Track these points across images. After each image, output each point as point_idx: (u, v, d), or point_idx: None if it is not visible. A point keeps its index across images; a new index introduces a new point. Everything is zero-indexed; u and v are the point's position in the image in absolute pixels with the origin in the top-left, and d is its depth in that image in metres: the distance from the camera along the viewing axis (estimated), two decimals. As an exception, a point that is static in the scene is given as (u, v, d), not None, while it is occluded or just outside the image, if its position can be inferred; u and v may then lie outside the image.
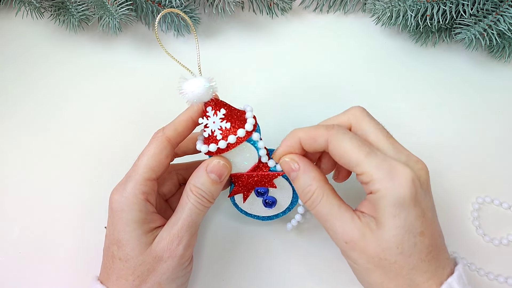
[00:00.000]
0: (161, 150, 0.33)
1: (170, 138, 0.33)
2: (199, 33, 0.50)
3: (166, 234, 0.31)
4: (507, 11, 0.41)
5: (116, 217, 0.32)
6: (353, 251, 0.29)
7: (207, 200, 0.32)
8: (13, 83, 0.47)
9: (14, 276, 0.38)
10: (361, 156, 0.29)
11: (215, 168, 0.32)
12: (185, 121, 0.33)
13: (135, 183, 0.32)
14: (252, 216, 0.37)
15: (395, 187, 0.28)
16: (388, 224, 0.28)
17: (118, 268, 0.31)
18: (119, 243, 0.31)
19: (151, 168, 0.32)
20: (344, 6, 0.51)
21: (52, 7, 0.49)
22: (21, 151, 0.44)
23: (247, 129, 0.32)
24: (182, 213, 0.32)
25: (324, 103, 0.46)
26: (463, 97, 0.46)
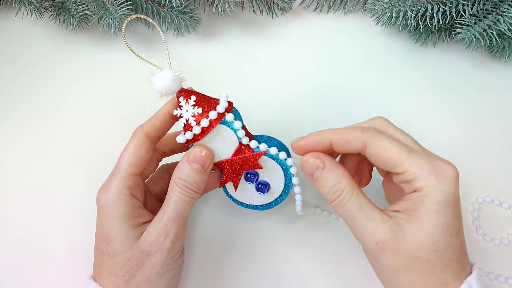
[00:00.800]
0: (141, 144, 0.33)
1: (149, 133, 0.34)
2: (199, 33, 0.50)
3: (153, 228, 0.31)
4: (507, 11, 0.41)
5: (103, 214, 0.32)
6: (384, 251, 0.29)
7: (192, 191, 0.32)
8: (13, 83, 0.47)
9: (14, 276, 0.38)
10: (403, 155, 0.29)
11: (196, 157, 0.32)
12: (162, 115, 0.34)
13: (119, 179, 0.32)
14: (249, 206, 0.37)
15: (440, 185, 0.28)
16: (428, 221, 0.28)
17: (107, 264, 0.32)
18: (107, 239, 0.32)
19: (133, 163, 0.33)
20: (344, 6, 0.51)
21: (52, 7, 0.49)
22: (21, 151, 0.44)
23: (219, 111, 0.33)
24: (168, 207, 0.32)
25: (324, 103, 0.46)
26: (463, 97, 0.46)
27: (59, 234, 0.39)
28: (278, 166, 0.35)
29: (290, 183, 0.35)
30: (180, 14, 0.47)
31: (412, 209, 0.29)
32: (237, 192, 0.36)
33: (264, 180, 0.35)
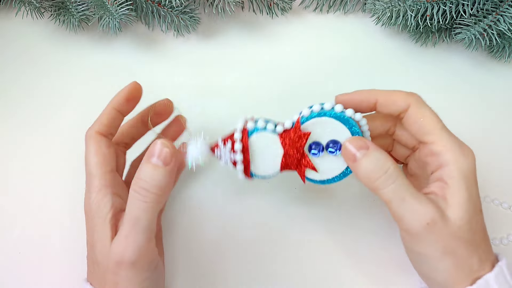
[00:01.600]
0: (98, 144, 0.32)
1: (100, 131, 0.33)
2: (199, 33, 0.50)
3: (114, 244, 0.29)
4: (507, 11, 0.41)
5: (88, 218, 0.31)
6: (433, 233, 0.28)
7: (151, 193, 0.28)
8: (13, 83, 0.47)
9: (14, 276, 0.38)
10: (438, 126, 0.30)
11: (153, 151, 0.29)
12: (108, 113, 0.34)
13: (94, 180, 0.31)
14: (338, 178, 0.33)
15: (466, 160, 0.29)
16: (462, 197, 0.28)
17: (95, 271, 0.31)
18: (92, 243, 0.31)
19: (100, 163, 0.32)
20: (344, 6, 0.51)
21: (52, 7, 0.49)
22: (21, 151, 0.43)
23: (239, 129, 0.32)
24: (127, 213, 0.29)
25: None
26: (463, 97, 0.46)
27: (59, 235, 0.39)
28: (329, 119, 0.31)
29: (354, 128, 0.31)
30: (180, 14, 0.47)
31: (445, 188, 0.29)
32: (319, 173, 0.33)
33: (332, 139, 0.32)
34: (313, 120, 0.32)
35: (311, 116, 0.32)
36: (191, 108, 0.46)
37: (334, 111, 0.32)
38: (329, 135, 0.32)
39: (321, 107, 0.32)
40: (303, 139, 0.31)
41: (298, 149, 0.32)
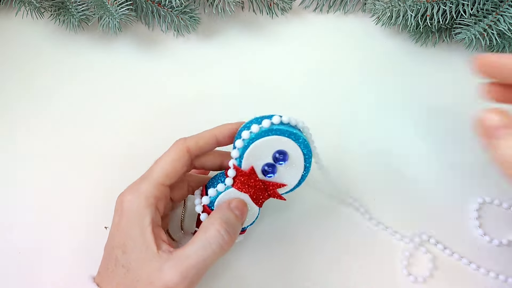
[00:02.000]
0: (180, 157, 0.32)
1: (190, 148, 0.33)
2: (199, 33, 0.50)
3: (169, 268, 0.29)
4: (507, 11, 0.41)
5: (125, 217, 0.31)
6: None
7: (231, 239, 0.30)
8: (13, 83, 0.47)
9: (14, 276, 0.38)
10: None
11: (239, 204, 0.32)
12: (208, 137, 0.33)
13: (149, 185, 0.31)
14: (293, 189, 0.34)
15: None
16: None
17: (120, 274, 0.30)
18: (124, 247, 0.30)
19: (166, 174, 0.32)
20: (344, 6, 0.51)
21: (52, 7, 0.49)
22: (21, 151, 0.43)
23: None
24: (196, 250, 0.29)
25: (324, 103, 0.46)
26: (463, 97, 0.46)
27: (59, 234, 0.39)
28: (263, 140, 0.31)
29: (298, 136, 0.31)
30: (180, 14, 0.47)
31: None
32: (288, 184, 0.33)
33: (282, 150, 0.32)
34: (249, 150, 0.31)
35: (245, 146, 0.31)
36: (191, 108, 0.46)
37: (263, 129, 0.31)
38: (272, 150, 0.31)
39: (250, 131, 0.31)
40: (252, 175, 0.32)
41: (256, 185, 0.32)
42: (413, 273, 0.37)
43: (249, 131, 0.31)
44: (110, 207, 0.36)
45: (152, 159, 0.37)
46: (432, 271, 0.38)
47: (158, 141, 0.43)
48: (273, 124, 0.31)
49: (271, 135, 0.31)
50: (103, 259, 0.32)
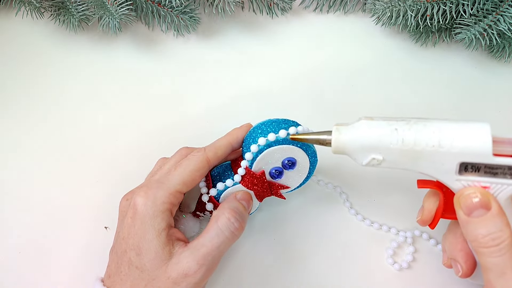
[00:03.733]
0: (199, 168, 0.33)
1: (210, 159, 0.34)
2: (199, 33, 0.50)
3: (185, 259, 0.30)
4: (507, 11, 0.41)
5: (139, 220, 0.31)
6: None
7: (241, 226, 0.32)
8: (13, 83, 0.47)
9: (14, 276, 0.38)
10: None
11: (245, 196, 0.34)
12: (225, 147, 0.35)
13: (167, 192, 0.32)
14: (296, 188, 0.37)
15: None
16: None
17: (133, 276, 0.30)
18: (138, 250, 0.30)
19: (185, 183, 0.32)
20: (344, 6, 0.51)
21: (52, 7, 0.49)
22: (21, 151, 0.43)
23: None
24: (211, 238, 0.31)
25: (324, 103, 0.46)
26: (463, 97, 0.46)
27: (59, 234, 0.39)
28: (277, 147, 0.33)
29: (308, 147, 0.34)
30: (180, 14, 0.47)
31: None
32: (290, 186, 0.36)
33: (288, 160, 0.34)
34: (263, 155, 0.33)
35: (259, 151, 0.33)
36: (191, 108, 0.46)
37: (279, 138, 0.33)
38: (282, 157, 0.34)
39: (266, 139, 0.33)
40: (262, 177, 0.35)
41: (263, 185, 0.35)
42: (398, 262, 0.37)
43: (266, 138, 0.33)
44: (110, 207, 0.36)
45: (153, 158, 0.37)
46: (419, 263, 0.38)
47: (159, 140, 0.43)
48: (289, 135, 0.33)
49: (285, 144, 0.33)
50: (112, 262, 0.32)
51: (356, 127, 0.30)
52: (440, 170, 0.29)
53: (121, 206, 0.33)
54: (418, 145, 0.28)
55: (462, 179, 0.29)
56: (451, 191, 0.30)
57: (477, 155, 0.28)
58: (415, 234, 0.38)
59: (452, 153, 0.28)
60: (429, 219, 0.33)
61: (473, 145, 0.28)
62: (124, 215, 0.32)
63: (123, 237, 0.31)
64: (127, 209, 0.32)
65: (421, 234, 0.38)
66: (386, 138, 0.29)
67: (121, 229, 0.32)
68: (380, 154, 0.29)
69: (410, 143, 0.28)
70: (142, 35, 0.50)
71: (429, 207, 0.33)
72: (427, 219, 0.33)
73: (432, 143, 0.28)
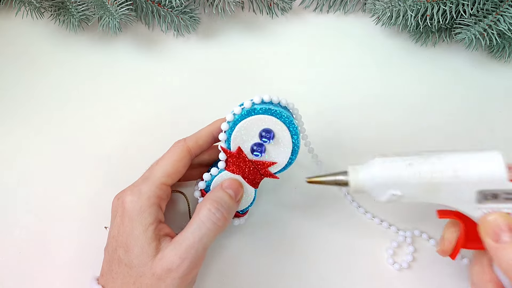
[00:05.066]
0: (181, 158, 0.33)
1: (191, 148, 0.34)
2: (199, 33, 0.50)
3: (169, 253, 0.30)
4: (507, 11, 0.41)
5: (127, 217, 0.31)
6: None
7: (223, 216, 0.31)
8: (13, 83, 0.47)
9: (14, 276, 0.38)
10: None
11: (231, 184, 0.33)
12: (206, 135, 0.35)
13: (151, 185, 0.32)
14: (280, 171, 0.35)
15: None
16: None
17: (123, 273, 0.30)
18: (126, 247, 0.30)
19: (168, 174, 0.33)
20: (344, 6, 0.51)
21: (52, 7, 0.49)
22: (21, 151, 0.44)
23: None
24: (190, 233, 0.30)
25: (324, 103, 0.46)
26: (463, 97, 0.46)
27: (59, 234, 0.39)
28: (248, 119, 0.32)
29: (280, 114, 0.32)
30: (180, 14, 0.47)
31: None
32: (278, 162, 0.34)
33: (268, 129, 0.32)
34: (235, 131, 0.32)
35: (231, 128, 0.32)
36: (191, 108, 0.46)
37: (245, 110, 0.32)
38: (257, 130, 0.32)
39: (233, 113, 0.32)
40: (241, 155, 0.33)
41: (247, 165, 0.33)
42: (398, 262, 0.37)
43: (233, 113, 0.32)
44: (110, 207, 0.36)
45: (153, 159, 0.37)
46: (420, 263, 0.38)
47: (158, 141, 0.43)
48: (255, 104, 0.32)
49: (254, 114, 0.32)
50: (105, 261, 0.32)
51: (372, 165, 0.30)
52: (460, 200, 0.29)
53: (113, 206, 0.34)
54: (435, 177, 0.29)
55: (482, 207, 0.29)
56: (471, 221, 0.30)
57: (493, 182, 0.28)
58: (415, 234, 0.38)
59: (469, 182, 0.29)
60: (449, 250, 0.33)
61: (488, 173, 0.28)
62: (115, 215, 0.32)
63: (113, 235, 0.32)
64: (117, 208, 0.32)
65: (420, 234, 0.38)
66: (403, 172, 0.29)
67: (112, 228, 0.32)
68: (399, 189, 0.30)
69: (427, 176, 0.29)
70: (142, 35, 0.50)
71: (449, 238, 0.33)
72: (447, 249, 0.33)
73: (448, 174, 0.29)
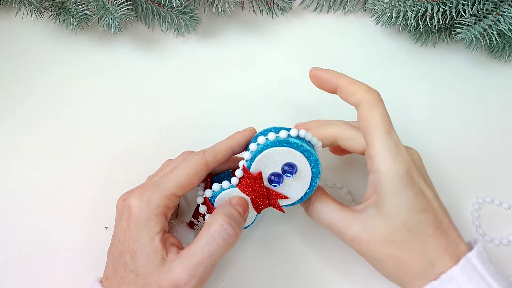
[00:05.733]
0: (197, 172, 0.32)
1: (209, 163, 0.33)
2: (199, 33, 0.50)
3: (177, 267, 0.29)
4: (507, 11, 0.41)
5: (133, 223, 0.30)
6: (361, 245, 0.30)
7: (235, 232, 0.31)
8: (13, 83, 0.47)
9: (14, 276, 0.38)
10: (381, 129, 0.30)
11: (240, 201, 0.32)
12: (225, 150, 0.34)
13: (162, 195, 0.31)
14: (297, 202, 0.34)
15: (396, 166, 0.29)
16: (391, 203, 0.29)
17: (129, 279, 0.30)
18: (133, 253, 0.30)
19: (181, 186, 0.32)
20: (344, 6, 0.51)
21: (52, 7, 0.49)
22: (22, 151, 0.43)
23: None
24: (201, 246, 0.30)
25: (324, 103, 0.46)
26: (463, 97, 0.46)
27: (59, 235, 0.39)
28: (274, 149, 0.31)
29: (311, 154, 0.32)
30: (180, 14, 0.47)
31: (376, 196, 0.30)
32: (290, 197, 0.33)
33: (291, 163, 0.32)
34: (261, 155, 0.31)
35: (259, 151, 0.31)
36: (191, 108, 0.46)
37: (279, 138, 0.31)
38: (282, 161, 0.32)
39: (266, 138, 0.32)
40: (258, 179, 0.32)
41: (259, 190, 0.33)
42: None
43: (266, 137, 0.32)
44: (110, 207, 0.36)
45: (153, 159, 0.37)
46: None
47: (158, 141, 0.43)
48: (290, 137, 0.32)
49: (285, 146, 0.31)
50: (109, 263, 0.32)
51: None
52: None
53: (117, 207, 0.33)
54: None
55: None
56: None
57: None
58: None
59: None
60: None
61: None
62: (120, 216, 0.32)
63: (119, 239, 0.31)
64: (123, 210, 0.32)
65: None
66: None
67: (117, 230, 0.32)
68: None
69: None
70: (142, 35, 0.50)
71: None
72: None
73: None
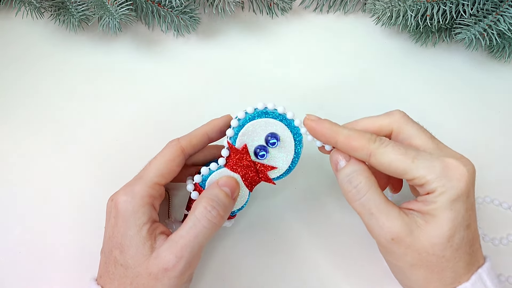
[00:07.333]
0: (174, 158, 0.33)
1: (184, 148, 0.34)
2: (199, 33, 0.50)
3: (164, 252, 0.30)
4: (507, 11, 0.41)
5: (121, 218, 0.31)
6: (399, 248, 0.29)
7: (218, 214, 0.31)
8: (13, 83, 0.47)
9: (14, 276, 0.38)
10: (408, 163, 0.29)
11: (227, 182, 0.33)
12: (200, 135, 0.34)
13: (144, 185, 0.32)
14: (284, 174, 0.35)
15: (452, 183, 0.28)
16: (443, 218, 0.28)
17: (119, 274, 0.30)
18: (121, 247, 0.30)
19: (161, 174, 0.32)
20: (344, 6, 0.51)
21: (52, 7, 0.49)
22: (21, 151, 0.43)
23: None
24: (186, 231, 0.30)
25: (324, 103, 0.46)
26: (463, 97, 0.46)
27: (59, 234, 0.39)
28: (260, 120, 0.33)
29: (290, 121, 0.33)
30: (180, 14, 0.47)
31: (426, 209, 0.29)
32: (278, 168, 0.34)
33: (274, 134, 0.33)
34: (244, 129, 0.33)
35: (240, 126, 0.33)
36: (191, 108, 0.46)
37: (258, 111, 0.33)
38: (264, 132, 0.33)
39: (245, 112, 0.33)
40: (244, 153, 0.33)
41: (248, 165, 0.33)
42: None
43: (244, 111, 0.33)
44: (110, 207, 0.36)
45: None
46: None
47: (158, 141, 0.43)
48: (267, 109, 0.33)
49: (265, 117, 0.33)
50: (101, 262, 0.32)
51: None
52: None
53: (107, 207, 0.33)
54: None
55: None
56: None
57: None
58: None
59: None
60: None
61: None
62: (110, 216, 0.32)
63: (108, 236, 0.32)
64: (111, 209, 0.32)
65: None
66: None
67: (107, 229, 0.32)
68: None
69: None
70: (142, 35, 0.50)
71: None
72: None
73: None
